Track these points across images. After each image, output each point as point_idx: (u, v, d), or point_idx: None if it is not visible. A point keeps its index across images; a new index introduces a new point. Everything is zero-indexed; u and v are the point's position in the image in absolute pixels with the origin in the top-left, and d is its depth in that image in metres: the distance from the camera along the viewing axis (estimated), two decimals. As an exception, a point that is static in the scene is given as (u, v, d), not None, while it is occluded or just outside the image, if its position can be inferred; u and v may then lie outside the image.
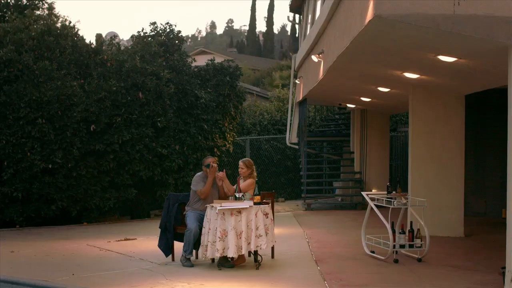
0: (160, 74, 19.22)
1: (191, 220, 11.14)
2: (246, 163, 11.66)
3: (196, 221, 11.12)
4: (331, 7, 13.13)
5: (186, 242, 11.04)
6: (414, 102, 14.60)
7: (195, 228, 11.00)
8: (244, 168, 11.57)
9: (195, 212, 11.30)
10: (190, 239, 10.98)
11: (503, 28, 8.52)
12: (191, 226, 11.02)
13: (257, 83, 50.82)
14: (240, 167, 11.60)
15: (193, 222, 11.08)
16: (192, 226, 11.02)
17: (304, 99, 21.70)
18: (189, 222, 11.14)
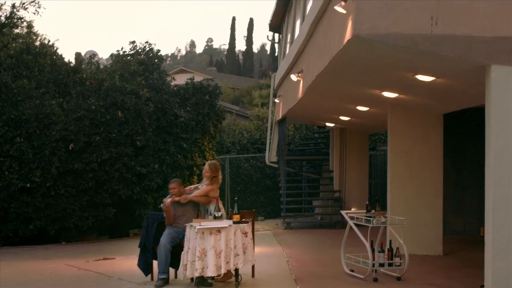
0: (139, 93, 19.20)
1: (162, 237, 11.08)
2: (211, 166, 11.48)
3: (168, 236, 11.02)
4: (310, 27, 13.19)
5: (159, 260, 10.96)
6: (393, 121, 14.66)
7: (164, 243, 10.89)
8: (209, 172, 11.41)
9: (170, 229, 11.23)
10: (161, 255, 10.86)
11: (480, 48, 8.60)
12: (160, 242, 10.95)
13: (237, 102, 50.84)
14: (206, 170, 11.41)
15: (163, 237, 11.02)
16: (162, 241, 10.95)
17: (284, 118, 21.73)
18: (161, 238, 11.09)
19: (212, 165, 11.52)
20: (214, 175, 11.41)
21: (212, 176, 11.39)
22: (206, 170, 11.46)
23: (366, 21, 8.57)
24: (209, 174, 11.39)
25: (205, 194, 11.31)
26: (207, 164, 11.57)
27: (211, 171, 11.41)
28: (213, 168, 11.45)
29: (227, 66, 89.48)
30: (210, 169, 11.43)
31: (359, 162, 22.73)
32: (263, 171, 26.58)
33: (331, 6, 10.51)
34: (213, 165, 11.54)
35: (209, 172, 11.40)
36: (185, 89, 21.48)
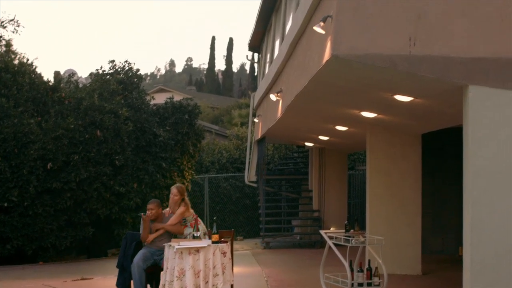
0: (118, 112, 19.16)
1: (136, 256, 10.99)
2: (179, 189, 11.33)
3: (140, 255, 10.91)
4: (289, 47, 13.23)
5: (133, 280, 10.85)
6: (372, 141, 14.71)
7: (136, 262, 10.77)
8: (178, 196, 11.29)
9: (145, 248, 11.16)
10: (135, 274, 10.75)
11: (458, 69, 8.66)
12: (133, 261, 10.85)
13: (216, 121, 50.87)
14: (174, 194, 11.20)
15: (136, 257, 10.92)
16: (134, 260, 10.85)
17: (263, 137, 21.75)
18: (134, 258, 10.99)
19: (180, 188, 11.34)
20: (183, 197, 11.30)
21: (181, 199, 11.28)
22: (175, 194, 11.22)
23: (345, 41, 8.61)
24: (178, 198, 11.21)
25: (179, 220, 11.20)
26: (175, 188, 11.34)
27: (180, 193, 11.24)
28: (181, 190, 11.29)
29: (206, 86, 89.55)
30: (179, 191, 11.24)
31: (338, 182, 22.79)
32: (242, 190, 26.57)
33: (310, 26, 10.56)
34: (180, 187, 11.37)
35: (178, 195, 11.21)
36: (164, 108, 21.47)
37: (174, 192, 11.23)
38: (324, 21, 8.98)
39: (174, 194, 11.22)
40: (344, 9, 8.66)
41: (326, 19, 8.93)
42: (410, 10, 8.68)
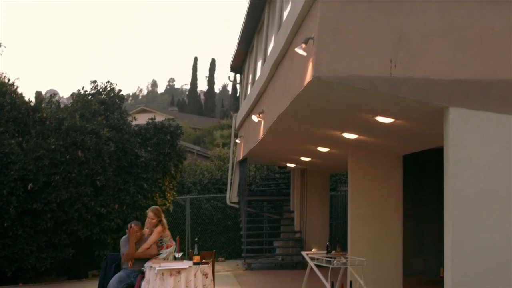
0: (100, 132, 19.11)
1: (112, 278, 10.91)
2: (156, 211, 11.26)
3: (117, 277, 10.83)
4: (271, 68, 13.28)
5: None
6: (353, 162, 14.75)
7: (111, 283, 10.72)
8: (155, 219, 11.24)
9: (122, 271, 11.09)
10: None
11: (439, 91, 8.73)
12: (109, 283, 10.78)
13: (198, 142, 50.81)
14: (151, 217, 11.13)
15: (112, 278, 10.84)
16: (110, 282, 10.77)
17: (245, 158, 21.76)
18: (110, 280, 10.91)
19: (156, 210, 11.27)
20: (160, 219, 11.25)
21: (158, 221, 11.22)
22: (152, 217, 11.13)
23: (326, 63, 8.66)
24: (155, 221, 11.15)
25: (157, 238, 11.15)
26: (151, 212, 11.26)
27: (157, 216, 11.20)
28: (157, 213, 11.23)
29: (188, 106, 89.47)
30: (155, 214, 11.18)
31: (319, 203, 22.80)
32: (224, 211, 26.52)
33: (292, 48, 10.61)
34: (156, 210, 11.30)
35: (155, 218, 11.15)
36: (146, 129, 21.44)
37: (151, 216, 11.19)
38: (306, 43, 9.03)
39: (151, 217, 11.18)
40: (325, 31, 8.72)
41: (308, 41, 8.99)
42: (390, 32, 8.75)
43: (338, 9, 8.77)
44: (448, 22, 8.86)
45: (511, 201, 8.77)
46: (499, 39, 8.85)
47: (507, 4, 8.96)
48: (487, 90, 8.76)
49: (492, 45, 8.83)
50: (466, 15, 8.90)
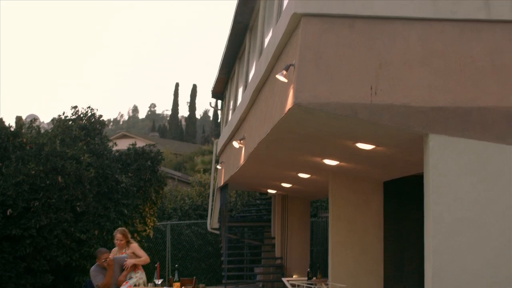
0: (80, 158, 19.02)
1: None
2: (124, 232, 11.39)
3: None
4: (252, 94, 13.32)
5: None
6: (334, 188, 14.78)
7: None
8: (123, 240, 11.30)
9: None
10: None
11: (419, 118, 8.79)
12: None
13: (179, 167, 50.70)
14: (119, 239, 11.28)
15: None
16: None
17: (226, 184, 21.73)
18: None
19: (123, 231, 11.52)
20: (128, 239, 11.34)
21: (126, 242, 11.30)
22: (121, 238, 11.34)
23: (307, 90, 8.70)
24: (123, 242, 11.30)
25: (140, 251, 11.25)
26: (119, 233, 11.40)
27: (125, 237, 11.33)
28: (125, 233, 11.43)
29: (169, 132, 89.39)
30: (124, 235, 11.36)
31: (300, 229, 22.79)
32: (205, 237, 26.42)
33: (273, 74, 10.65)
34: (123, 231, 11.55)
35: (123, 239, 11.32)
36: (127, 154, 21.37)
37: (119, 237, 11.34)
38: (287, 69, 9.07)
39: (120, 239, 11.34)
40: (306, 58, 8.76)
41: (289, 68, 9.03)
42: (371, 60, 8.81)
43: (319, 35, 8.83)
44: (428, 49, 8.95)
45: (491, 228, 8.81)
46: (479, 67, 8.94)
47: (486, 32, 9.06)
48: (467, 117, 8.84)
49: (471, 72, 8.91)
50: (446, 43, 8.99)
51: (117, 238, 11.29)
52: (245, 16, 15.48)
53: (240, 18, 15.67)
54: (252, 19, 15.45)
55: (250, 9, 15.02)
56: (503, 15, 9.08)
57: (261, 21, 13.54)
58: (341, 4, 8.88)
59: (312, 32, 8.83)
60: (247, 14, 15.33)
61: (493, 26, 9.09)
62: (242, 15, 15.43)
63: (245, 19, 15.69)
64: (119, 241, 11.25)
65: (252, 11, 15.08)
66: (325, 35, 8.84)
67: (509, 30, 9.09)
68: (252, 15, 15.33)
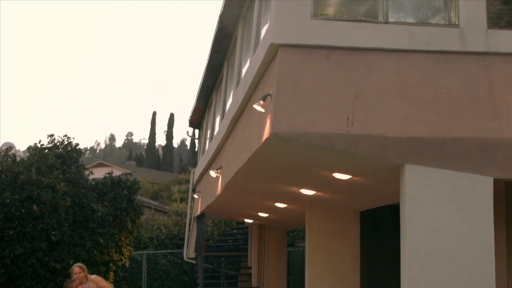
0: (56, 186, 18.90)
1: None
2: (82, 267, 11.54)
3: None
4: (229, 124, 13.33)
5: None
6: (311, 218, 14.77)
7: None
8: (82, 273, 11.37)
9: None
10: None
11: (395, 148, 8.84)
12: None
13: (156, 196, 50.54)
14: (78, 272, 11.39)
15: None
16: None
17: (203, 213, 21.67)
18: None
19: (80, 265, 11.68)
20: (85, 273, 11.47)
21: (85, 276, 11.42)
22: (79, 271, 11.47)
23: (284, 120, 8.72)
24: (82, 275, 11.47)
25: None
26: (76, 267, 11.59)
27: (83, 270, 11.47)
28: (83, 267, 11.64)
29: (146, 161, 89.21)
30: (81, 268, 11.54)
31: (277, 259, 22.74)
32: (181, 267, 26.28)
33: (250, 104, 10.68)
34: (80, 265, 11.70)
35: (82, 272, 11.46)
36: (103, 183, 21.27)
37: (77, 271, 11.55)
38: (264, 99, 9.10)
39: (78, 272, 11.54)
40: (283, 88, 8.80)
41: (266, 98, 9.06)
42: (348, 90, 8.87)
43: (296, 66, 8.88)
44: (404, 80, 9.03)
45: (468, 259, 8.84)
46: (454, 98, 9.03)
47: (460, 63, 9.16)
48: (443, 147, 8.90)
49: (447, 103, 9.00)
50: (422, 74, 9.08)
51: (75, 271, 11.46)
52: (223, 46, 15.54)
53: (218, 48, 15.72)
54: (230, 49, 15.51)
55: (227, 39, 15.08)
56: (477, 47, 9.20)
57: (239, 51, 13.59)
58: (318, 35, 8.95)
59: (289, 63, 8.88)
60: (225, 44, 15.39)
61: (468, 58, 9.20)
62: (219, 45, 15.49)
63: (222, 49, 15.75)
64: (77, 274, 11.40)
65: (229, 41, 15.14)
66: (302, 66, 8.89)
67: (483, 61, 9.22)
68: (229, 45, 15.39)
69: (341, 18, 9.23)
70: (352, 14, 9.58)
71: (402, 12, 9.68)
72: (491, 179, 8.98)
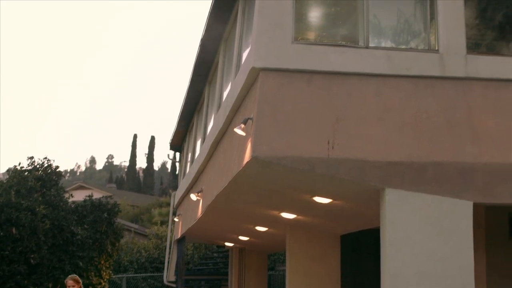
0: (35, 209, 18.79)
1: None
2: (74, 278, 11.37)
3: None
4: (210, 147, 13.33)
5: None
6: (291, 242, 14.75)
7: None
8: (76, 285, 11.27)
9: None
10: None
11: (375, 172, 8.85)
12: None
13: (136, 219, 50.31)
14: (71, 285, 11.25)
15: None
16: None
17: (183, 237, 21.58)
18: None
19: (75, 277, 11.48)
20: (80, 286, 11.36)
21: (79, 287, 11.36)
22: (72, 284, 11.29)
23: (265, 143, 8.72)
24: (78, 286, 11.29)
25: None
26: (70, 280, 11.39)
27: (77, 283, 11.34)
28: (76, 279, 11.46)
29: (127, 183, 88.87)
30: (75, 281, 11.36)
31: (257, 282, 22.66)
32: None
33: (231, 127, 10.68)
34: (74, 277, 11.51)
35: (76, 285, 11.31)
36: (83, 206, 21.17)
37: (71, 283, 11.35)
38: (245, 123, 9.11)
39: (72, 284, 11.33)
40: (264, 112, 8.81)
41: (247, 121, 9.07)
42: (328, 114, 8.89)
43: (277, 90, 8.89)
44: (384, 104, 9.06)
45: (448, 283, 8.84)
46: (434, 122, 9.07)
47: (440, 88, 9.22)
48: (423, 172, 8.93)
49: (427, 128, 9.04)
50: (402, 98, 9.12)
51: (68, 284, 11.23)
52: (204, 69, 15.56)
53: (199, 71, 15.74)
54: (211, 72, 15.54)
55: (209, 63, 15.11)
56: (456, 72, 9.27)
57: (220, 75, 13.62)
58: (299, 59, 8.98)
59: (270, 86, 8.90)
60: (206, 67, 15.42)
61: (447, 83, 9.26)
62: (201, 68, 15.51)
63: (204, 72, 15.77)
64: (71, 287, 11.19)
65: (211, 64, 15.17)
66: (283, 90, 8.91)
67: (462, 86, 9.28)
68: (211, 68, 15.42)
69: (321, 43, 9.27)
70: (332, 39, 9.63)
71: (382, 37, 9.75)
72: (470, 203, 9.02)
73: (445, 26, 9.41)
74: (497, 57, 9.60)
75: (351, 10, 9.70)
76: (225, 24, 12.98)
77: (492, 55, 9.61)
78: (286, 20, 9.04)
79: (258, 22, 9.07)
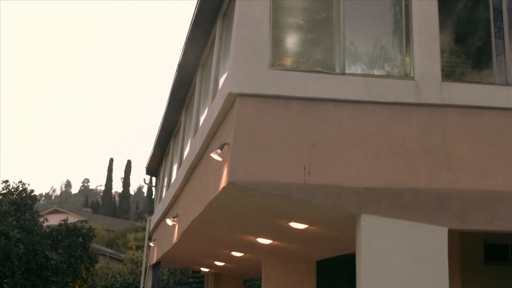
0: (9, 233, 18.61)
1: None
2: None
3: None
4: (186, 172, 13.30)
5: None
6: (267, 267, 14.73)
7: None
8: None
9: None
10: None
11: (351, 198, 8.87)
12: None
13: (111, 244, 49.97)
14: None
15: None
16: None
17: (158, 262, 21.47)
18: None
19: None
20: None
21: None
22: None
23: (241, 169, 8.72)
24: None
25: None
26: None
27: None
28: None
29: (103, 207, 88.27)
30: None
31: (233, 308, 22.57)
32: (136, 316, 25.94)
33: (208, 153, 10.68)
34: None
35: None
36: (58, 230, 21.03)
37: None
38: (221, 148, 9.10)
39: None
40: (241, 137, 8.81)
41: (223, 147, 9.07)
42: (304, 140, 8.91)
43: (254, 115, 8.91)
44: (360, 131, 9.10)
45: (423, 308, 8.86)
46: (409, 149, 9.11)
47: (416, 114, 9.28)
48: (398, 198, 8.96)
49: (402, 154, 9.08)
50: (378, 125, 9.16)
51: None
52: (181, 94, 15.58)
53: (176, 96, 15.76)
54: (188, 97, 15.56)
55: (186, 87, 15.13)
56: (432, 99, 9.34)
57: (197, 99, 13.63)
58: (276, 85, 9.01)
59: (247, 112, 8.91)
60: (183, 92, 15.44)
61: (423, 109, 9.32)
62: (178, 93, 15.53)
63: (181, 97, 15.79)
64: None
65: (188, 89, 15.20)
66: (260, 115, 8.93)
67: (438, 113, 9.34)
68: (188, 93, 15.44)
69: (298, 69, 9.31)
70: (309, 65, 9.67)
71: (358, 64, 9.81)
72: (446, 229, 9.06)
73: (421, 54, 9.49)
74: (472, 84, 9.68)
75: (328, 37, 9.77)
76: (202, 49, 13.02)
77: (466, 83, 9.70)
78: (263, 46, 9.08)
79: (235, 47, 9.10)
